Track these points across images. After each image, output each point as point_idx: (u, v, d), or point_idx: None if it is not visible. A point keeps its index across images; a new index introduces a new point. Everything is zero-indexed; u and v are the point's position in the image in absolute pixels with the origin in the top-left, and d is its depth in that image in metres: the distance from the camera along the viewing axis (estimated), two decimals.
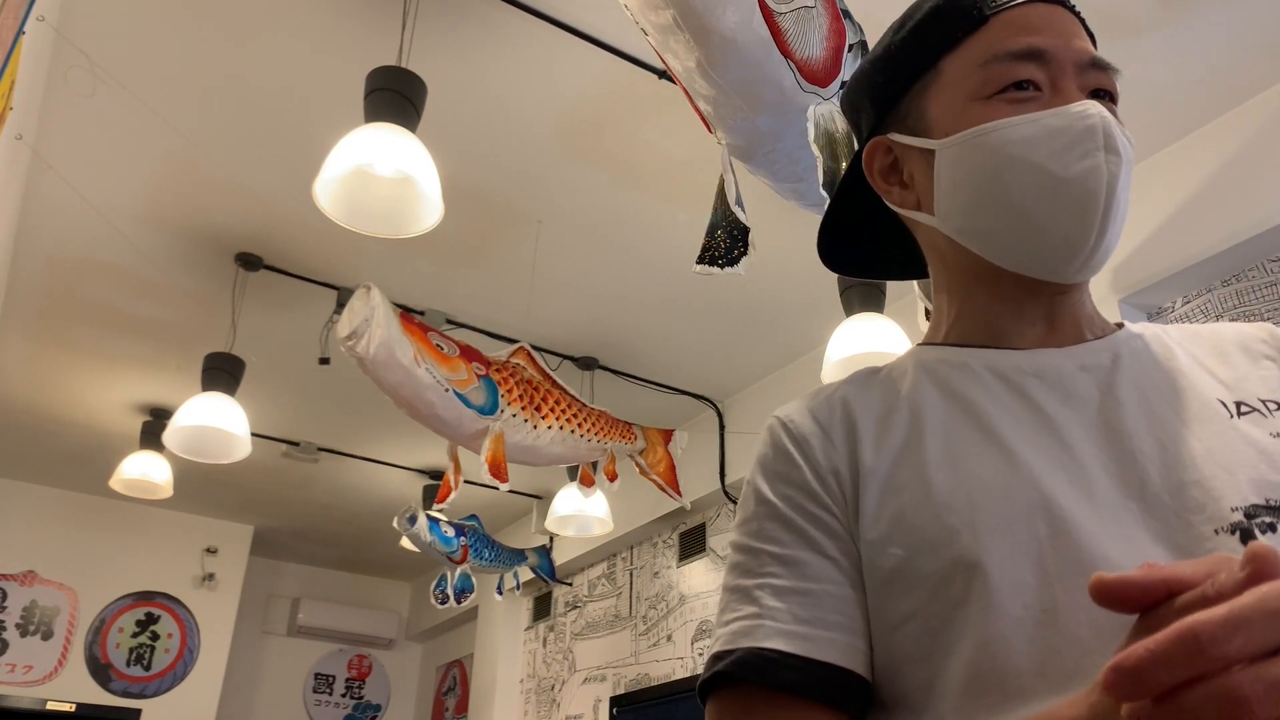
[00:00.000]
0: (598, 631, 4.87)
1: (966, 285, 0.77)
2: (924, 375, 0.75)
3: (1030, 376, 0.71)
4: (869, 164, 0.82)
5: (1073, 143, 0.69)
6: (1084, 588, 0.57)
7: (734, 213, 1.66)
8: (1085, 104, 0.70)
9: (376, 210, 2.21)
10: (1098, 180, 0.68)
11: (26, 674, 5.01)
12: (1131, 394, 0.69)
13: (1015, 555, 0.62)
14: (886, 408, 0.73)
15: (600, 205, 2.99)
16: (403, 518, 4.03)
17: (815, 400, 0.76)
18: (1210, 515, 0.62)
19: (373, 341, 2.52)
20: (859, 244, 0.92)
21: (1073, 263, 0.70)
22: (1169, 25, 2.28)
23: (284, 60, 2.48)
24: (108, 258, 3.29)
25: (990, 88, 0.72)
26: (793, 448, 0.73)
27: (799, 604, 0.65)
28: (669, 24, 1.49)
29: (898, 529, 0.66)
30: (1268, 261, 2.51)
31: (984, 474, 0.66)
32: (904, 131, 0.78)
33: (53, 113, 2.66)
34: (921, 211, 0.77)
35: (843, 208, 0.90)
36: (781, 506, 0.70)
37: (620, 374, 3.90)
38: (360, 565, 6.42)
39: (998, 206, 0.71)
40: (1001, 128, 0.71)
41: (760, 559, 0.69)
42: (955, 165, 0.73)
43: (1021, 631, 0.60)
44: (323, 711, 6.20)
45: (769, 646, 0.64)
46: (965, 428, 0.69)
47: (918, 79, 0.78)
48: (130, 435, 4.32)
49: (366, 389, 2.83)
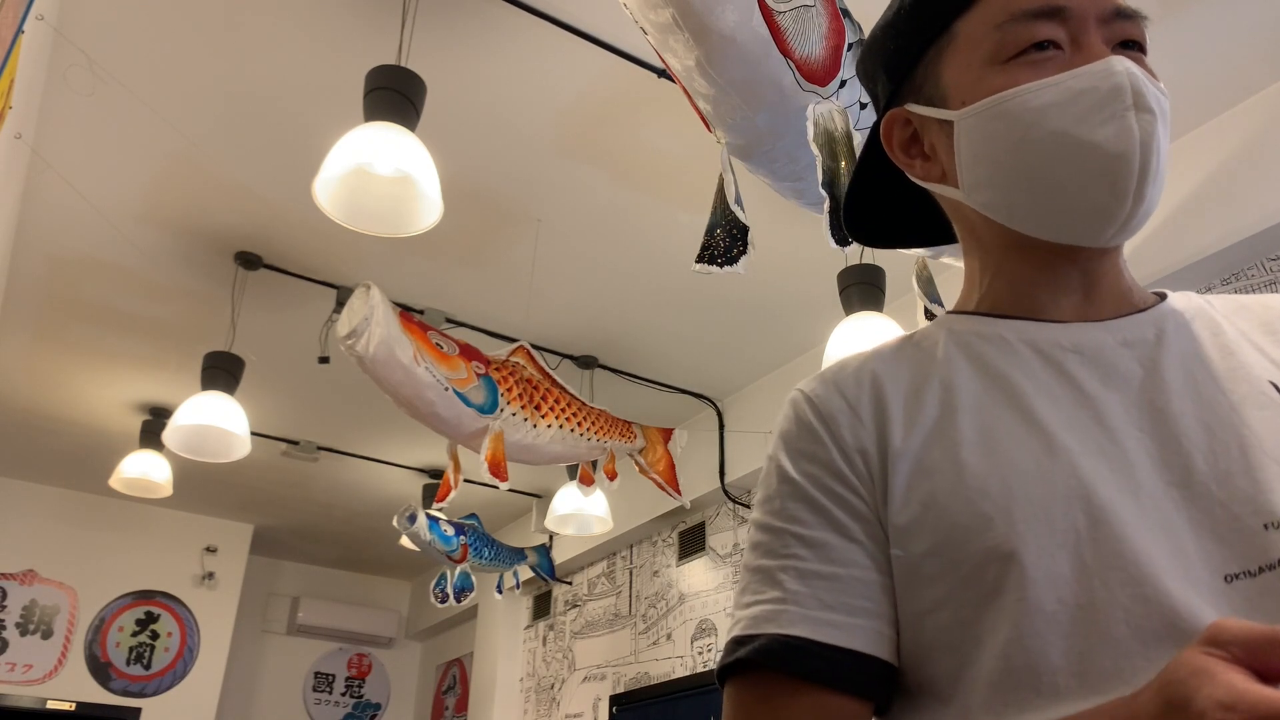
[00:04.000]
0: (597, 630, 4.87)
1: (999, 254, 0.72)
2: (957, 348, 0.71)
3: (1070, 353, 0.67)
4: (888, 138, 0.77)
5: (1099, 104, 0.64)
6: (1123, 582, 0.57)
7: (733, 212, 1.66)
8: (1109, 61, 0.65)
9: (376, 209, 2.21)
10: (1129, 142, 0.64)
11: (26, 673, 5.01)
12: (1177, 374, 0.65)
13: (1051, 546, 0.59)
14: (917, 383, 0.69)
15: (600, 204, 2.99)
16: (402, 516, 4.03)
17: (841, 374, 0.72)
18: (1259, 508, 0.58)
19: (372, 340, 2.52)
20: (884, 213, 0.87)
21: (1109, 228, 0.66)
22: (1168, 24, 2.28)
23: (284, 59, 2.48)
24: (107, 257, 3.29)
25: (1008, 50, 0.68)
26: (818, 424, 0.69)
27: (824, 588, 0.63)
28: (668, 23, 1.49)
29: (928, 514, 0.63)
30: (1267, 260, 2.51)
31: (1020, 458, 0.62)
32: (921, 101, 0.74)
33: (52, 112, 2.66)
34: (946, 184, 0.73)
35: (866, 177, 0.85)
36: (806, 485, 0.67)
37: (620, 373, 3.90)
38: (360, 564, 6.42)
39: (1023, 178, 0.67)
40: (1021, 94, 0.66)
41: (784, 539, 0.66)
42: (975, 137, 0.69)
43: (1056, 628, 0.57)
44: (322, 710, 6.20)
45: (794, 634, 0.62)
46: (1001, 407, 0.66)
47: (931, 44, 0.73)
48: (130, 434, 4.32)
49: (366, 388, 2.83)
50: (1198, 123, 2.58)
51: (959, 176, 0.71)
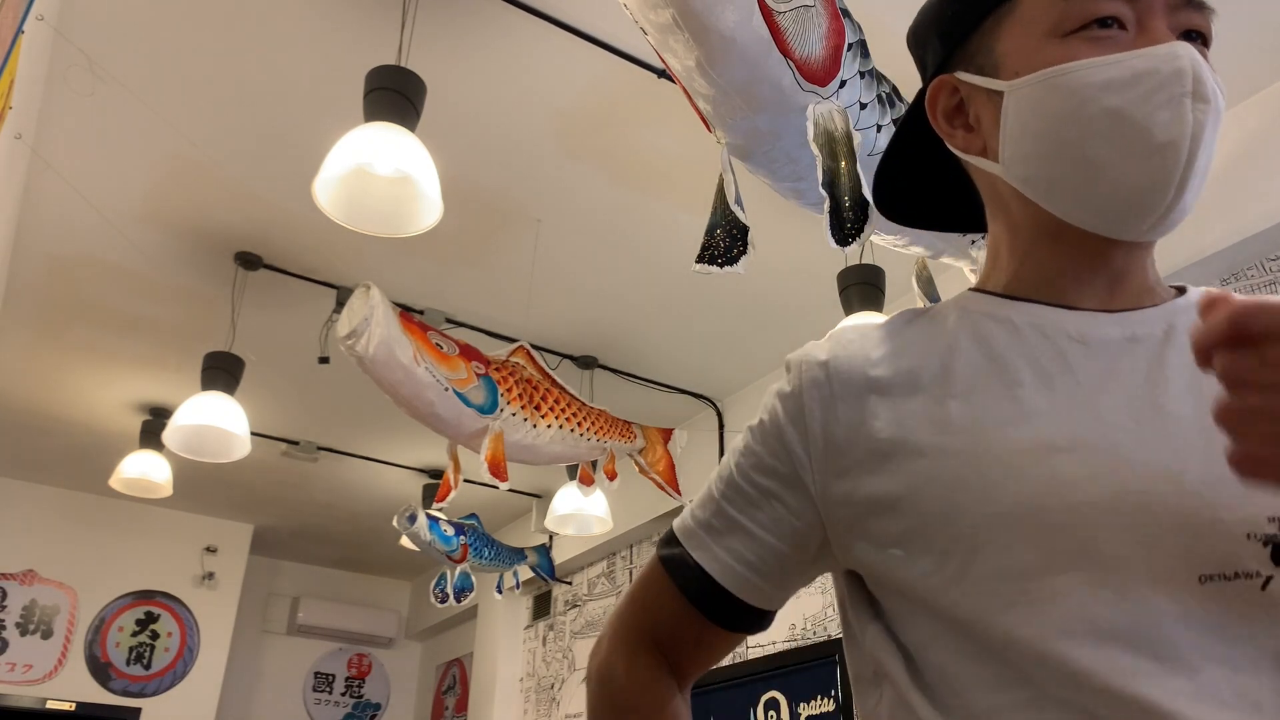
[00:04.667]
0: (597, 630, 4.87)
1: (1031, 240, 0.72)
2: (964, 329, 0.71)
3: (1075, 343, 0.66)
4: (933, 104, 0.76)
5: (1158, 87, 0.63)
6: (1087, 583, 0.58)
7: (733, 212, 1.66)
8: (1174, 45, 0.64)
9: (376, 209, 2.21)
10: (1182, 129, 0.63)
11: (26, 673, 5.01)
12: (1181, 372, 0.64)
13: (1019, 540, 0.60)
14: (916, 363, 0.70)
15: (600, 204, 2.99)
16: (402, 516, 4.03)
17: (837, 347, 0.73)
18: (1244, 517, 0.58)
19: (372, 340, 2.52)
20: (916, 192, 0.86)
21: (1146, 219, 0.65)
22: None
23: (283, 59, 2.48)
24: (107, 257, 3.29)
25: (1070, 24, 0.66)
26: (801, 397, 0.72)
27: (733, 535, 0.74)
28: (668, 23, 1.49)
29: (909, 495, 0.65)
30: (1267, 260, 2.51)
31: (1004, 449, 0.63)
32: (972, 70, 0.73)
33: (52, 112, 2.66)
34: (986, 158, 0.72)
35: (902, 151, 0.84)
36: (762, 452, 0.74)
37: (620, 373, 3.90)
38: (360, 564, 6.42)
39: (1069, 154, 0.66)
40: (1081, 68, 0.65)
41: (732, 481, 0.76)
42: (1026, 108, 0.68)
43: (1016, 614, 0.59)
44: (322, 710, 6.20)
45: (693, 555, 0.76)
46: (995, 395, 0.66)
47: (991, 12, 0.71)
48: (130, 434, 4.32)
49: (366, 388, 2.83)
50: None
51: (1001, 150, 0.70)
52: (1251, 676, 0.55)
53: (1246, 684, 0.55)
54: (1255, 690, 0.55)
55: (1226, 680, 0.55)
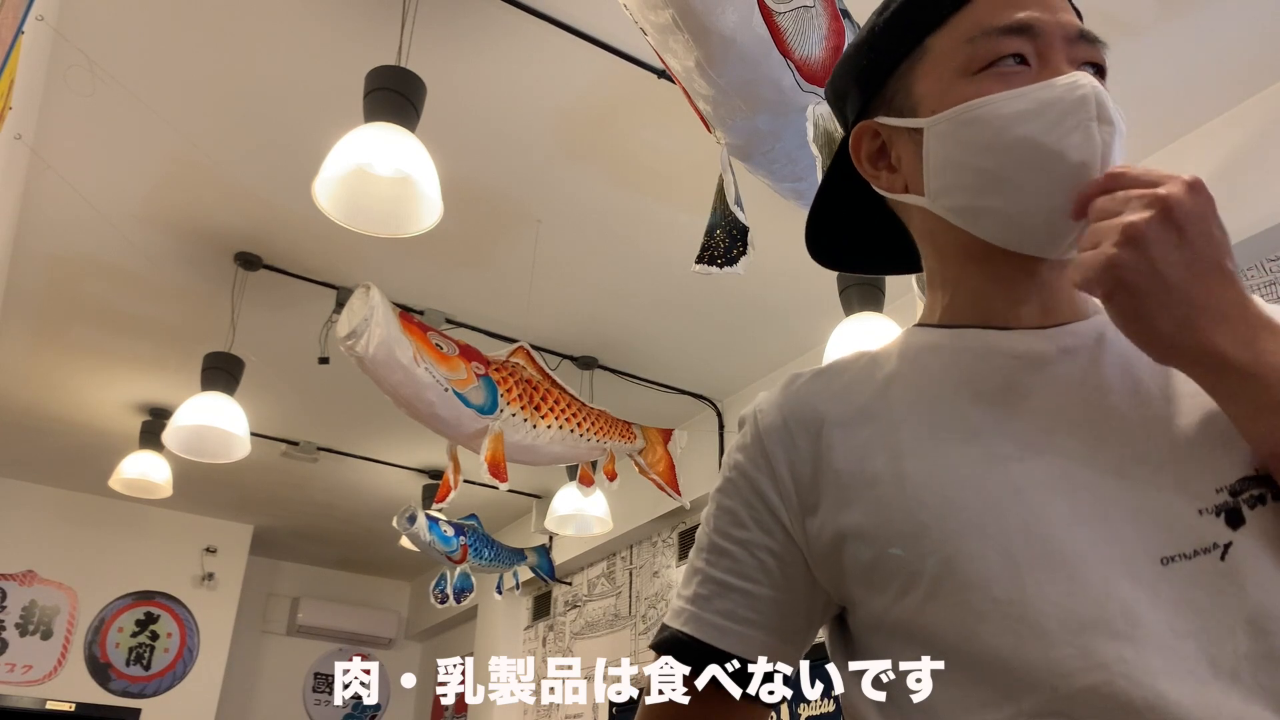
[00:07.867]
0: (597, 631, 4.87)
1: (960, 267, 0.76)
2: (907, 361, 0.75)
3: (1011, 359, 0.70)
4: (856, 150, 0.80)
5: (1065, 114, 0.68)
6: (1052, 579, 0.61)
7: (733, 212, 1.67)
8: (1075, 75, 0.69)
9: (376, 210, 2.21)
10: (1092, 149, 0.67)
11: (26, 673, 5.01)
12: (1116, 372, 0.69)
13: (985, 550, 0.63)
14: (864, 399, 0.74)
15: (600, 205, 2.99)
16: (402, 517, 4.03)
17: (791, 393, 0.77)
18: (1194, 494, 0.62)
19: (372, 341, 2.52)
20: (848, 237, 0.91)
21: (1068, 236, 0.69)
22: (1167, 25, 2.28)
23: (283, 59, 2.48)
24: (107, 257, 3.29)
25: (978, 63, 0.71)
26: (757, 445, 0.75)
27: (721, 596, 0.73)
28: (668, 23, 1.49)
29: (869, 524, 0.68)
30: (1267, 261, 2.51)
31: (958, 465, 0.67)
32: (890, 114, 0.77)
33: (52, 112, 2.66)
34: (910, 193, 0.76)
35: (830, 201, 0.88)
36: (733, 504, 0.75)
37: (619, 373, 3.90)
38: (360, 565, 6.42)
39: (989, 182, 0.70)
40: (991, 103, 0.69)
41: (709, 544, 0.76)
42: (944, 142, 0.72)
43: (989, 626, 0.61)
44: (322, 711, 6.20)
45: (684, 631, 0.74)
46: (941, 417, 0.70)
47: (904, 59, 0.76)
48: (130, 435, 4.32)
49: (366, 388, 2.83)
50: (1198, 123, 2.58)
51: (925, 183, 0.74)
52: (1227, 644, 0.57)
53: (1221, 654, 0.57)
54: (1231, 658, 0.57)
55: (1202, 653, 0.57)
